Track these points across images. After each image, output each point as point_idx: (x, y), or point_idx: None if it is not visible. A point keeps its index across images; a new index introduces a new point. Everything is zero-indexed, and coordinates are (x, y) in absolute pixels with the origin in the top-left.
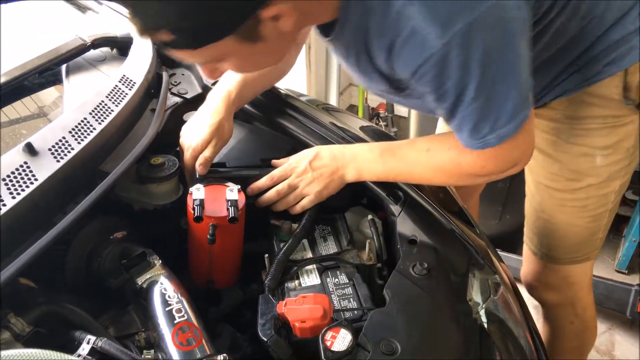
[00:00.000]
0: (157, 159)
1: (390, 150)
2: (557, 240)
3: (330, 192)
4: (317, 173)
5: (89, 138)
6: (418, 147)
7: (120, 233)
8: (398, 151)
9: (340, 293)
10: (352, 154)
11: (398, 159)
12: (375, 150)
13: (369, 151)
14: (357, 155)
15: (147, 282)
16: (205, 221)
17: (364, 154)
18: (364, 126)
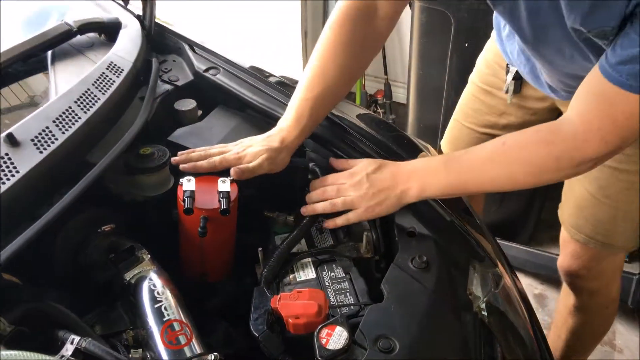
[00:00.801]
0: (147, 149)
1: (453, 157)
2: (618, 226)
3: (383, 211)
4: (375, 188)
5: (74, 128)
6: (490, 144)
7: (109, 226)
8: (464, 155)
9: (336, 287)
10: (411, 169)
11: (464, 163)
12: (437, 161)
13: (429, 162)
14: (417, 169)
15: (135, 278)
16: (196, 213)
17: (424, 166)
18: (362, 114)
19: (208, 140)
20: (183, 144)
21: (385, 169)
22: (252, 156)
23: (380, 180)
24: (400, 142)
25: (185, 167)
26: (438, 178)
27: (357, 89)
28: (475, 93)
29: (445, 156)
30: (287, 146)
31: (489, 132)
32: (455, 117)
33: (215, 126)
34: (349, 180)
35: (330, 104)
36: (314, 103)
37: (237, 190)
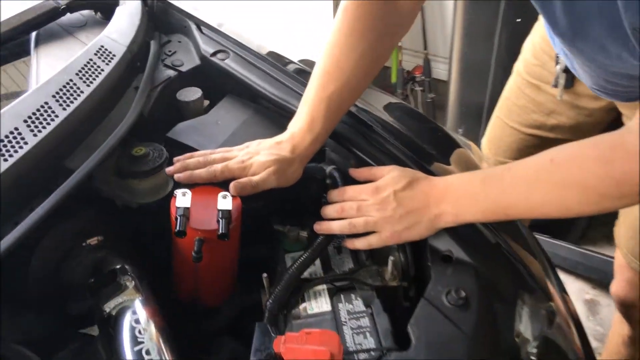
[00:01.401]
0: (140, 149)
1: (494, 175)
2: None
3: (411, 237)
4: (403, 209)
5: (49, 128)
6: (535, 160)
7: (95, 239)
8: (506, 173)
9: (354, 325)
10: (445, 187)
11: (507, 183)
12: (475, 179)
13: (467, 181)
14: (452, 188)
15: (116, 309)
16: (190, 234)
17: (460, 185)
18: (390, 104)
19: (213, 137)
20: (184, 141)
21: (416, 186)
22: (259, 167)
23: (410, 199)
24: (435, 139)
25: (180, 178)
26: (475, 201)
27: (393, 65)
28: (521, 86)
29: (485, 173)
30: (299, 156)
31: (535, 134)
32: (498, 113)
33: (222, 120)
34: (373, 196)
35: (348, 102)
36: (328, 103)
37: (241, 207)
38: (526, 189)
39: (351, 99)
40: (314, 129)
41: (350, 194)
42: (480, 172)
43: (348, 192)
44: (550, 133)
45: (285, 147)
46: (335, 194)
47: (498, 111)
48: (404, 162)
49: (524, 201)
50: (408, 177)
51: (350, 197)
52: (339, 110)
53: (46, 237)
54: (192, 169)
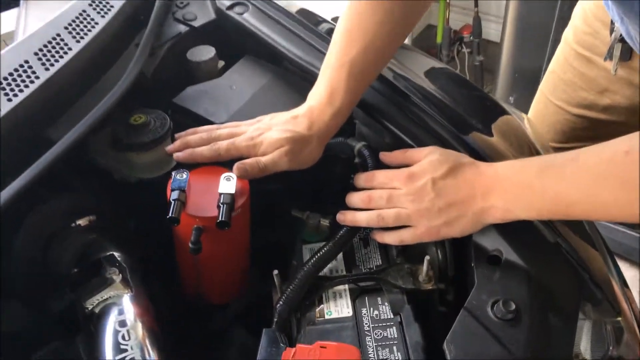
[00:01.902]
0: (139, 117)
1: (554, 163)
2: None
3: (452, 234)
4: (442, 200)
5: (27, 92)
6: (607, 151)
7: (87, 219)
8: (569, 163)
9: (379, 335)
10: (494, 176)
11: (569, 175)
12: (530, 167)
13: (520, 170)
14: (502, 177)
15: (100, 307)
16: (186, 222)
17: (512, 173)
18: (434, 69)
19: (226, 105)
20: (191, 108)
21: (459, 174)
22: (269, 145)
23: (451, 189)
24: (484, 110)
25: (179, 157)
26: (530, 195)
27: (439, 23)
28: (569, 58)
29: (542, 161)
30: (318, 134)
31: (584, 114)
32: (542, 87)
33: (238, 85)
34: (407, 184)
35: (373, 68)
36: (350, 69)
37: (248, 191)
38: (593, 184)
39: (377, 65)
40: (334, 101)
41: (381, 179)
42: (536, 159)
43: (378, 177)
44: (602, 114)
45: (301, 123)
46: (362, 178)
47: (542, 85)
48: (447, 141)
49: (588, 199)
50: (450, 162)
51: (381, 184)
52: (364, 77)
53: (31, 214)
54: (194, 147)
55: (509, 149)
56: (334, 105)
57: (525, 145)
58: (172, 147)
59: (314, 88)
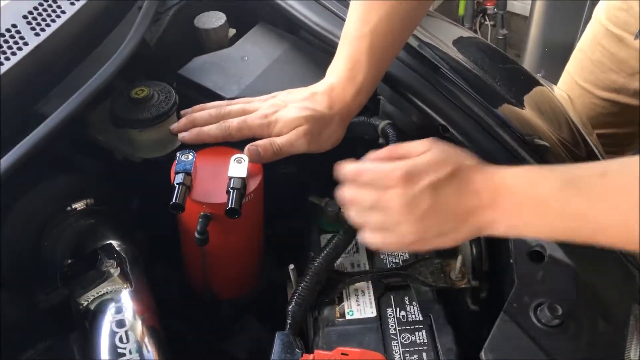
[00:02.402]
0: (141, 90)
1: (580, 177)
2: None
3: (445, 244)
4: (438, 210)
5: (15, 59)
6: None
7: (84, 202)
8: (596, 181)
9: (406, 340)
10: (501, 181)
11: (597, 195)
12: (547, 180)
13: (535, 182)
14: (511, 187)
15: (95, 303)
16: (192, 209)
17: (525, 186)
18: (462, 38)
19: (237, 78)
20: (199, 81)
21: (462, 178)
22: (285, 124)
23: (452, 197)
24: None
25: (185, 137)
26: (545, 214)
27: None
28: (598, 36)
29: (566, 172)
30: (340, 113)
31: (613, 99)
32: (569, 67)
33: (250, 55)
34: (401, 185)
35: (399, 38)
36: (372, 41)
37: (262, 174)
38: (630, 207)
39: (402, 34)
40: (356, 77)
41: (370, 176)
42: (555, 170)
43: (367, 173)
44: (633, 99)
45: (321, 101)
46: (351, 172)
47: (569, 65)
48: (480, 118)
49: (622, 225)
50: (452, 164)
51: (370, 180)
52: (387, 49)
53: (22, 197)
54: (202, 125)
55: (544, 124)
56: (356, 81)
57: (562, 119)
58: (177, 125)
59: (333, 62)
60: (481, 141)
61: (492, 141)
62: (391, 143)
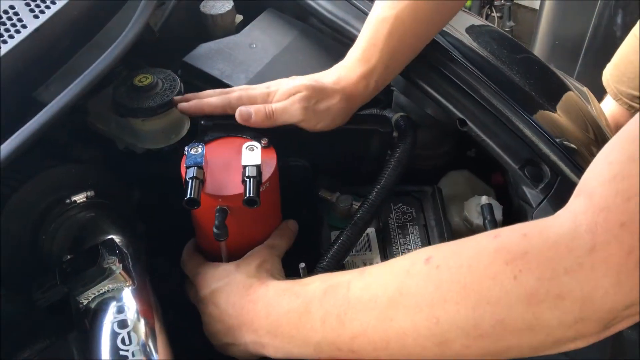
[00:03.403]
0: (145, 77)
1: (337, 284)
2: None
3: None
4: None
5: (12, 43)
6: (401, 264)
7: (84, 194)
8: (355, 281)
9: None
10: (257, 297)
11: (354, 295)
12: (310, 292)
13: (297, 293)
14: (266, 300)
15: (96, 301)
16: (207, 204)
17: (285, 300)
18: (474, 26)
19: (244, 66)
20: (204, 68)
21: (223, 297)
22: (283, 93)
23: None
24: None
25: (184, 107)
26: (303, 330)
27: None
28: (630, 52)
29: (326, 279)
30: (345, 90)
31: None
32: (607, 75)
33: (258, 43)
34: None
35: (424, 30)
36: (394, 25)
37: (276, 161)
38: (385, 306)
39: (428, 28)
40: (368, 59)
41: None
42: (323, 275)
43: None
44: None
45: (327, 76)
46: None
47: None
48: (502, 113)
49: (377, 327)
50: (215, 283)
51: None
52: (408, 39)
53: (18, 188)
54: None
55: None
56: (368, 63)
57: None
58: (179, 97)
59: (352, 47)
60: (500, 136)
61: (512, 136)
62: (405, 138)
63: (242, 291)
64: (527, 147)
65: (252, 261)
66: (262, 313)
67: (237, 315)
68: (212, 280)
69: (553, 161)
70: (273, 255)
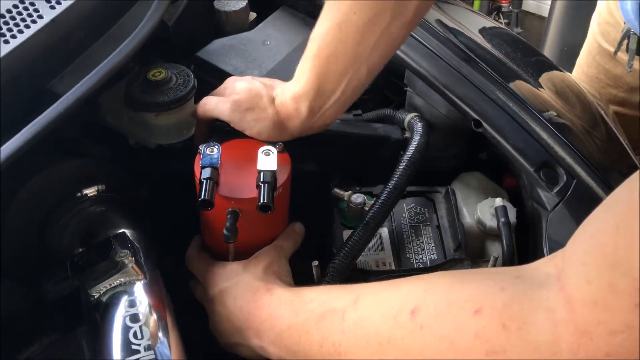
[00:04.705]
0: (159, 72)
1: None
2: None
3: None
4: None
5: (28, 33)
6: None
7: (95, 188)
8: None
9: None
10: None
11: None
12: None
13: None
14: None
15: (107, 295)
16: (220, 205)
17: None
18: (487, 28)
19: (258, 62)
20: (218, 64)
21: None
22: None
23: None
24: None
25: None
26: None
27: None
28: (593, 52)
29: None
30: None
31: (618, 111)
32: (577, 74)
33: (272, 40)
34: None
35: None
36: (321, 45)
37: (290, 166)
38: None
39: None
40: (299, 80)
41: None
42: (319, 294)
43: None
44: (635, 111)
45: (283, 87)
46: None
47: (576, 71)
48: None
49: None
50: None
51: None
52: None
53: (30, 181)
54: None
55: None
56: (298, 84)
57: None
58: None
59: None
60: (516, 137)
61: (527, 138)
62: (418, 137)
63: (248, 294)
64: (542, 150)
65: (259, 262)
66: (266, 323)
67: (244, 319)
68: (220, 280)
69: (569, 164)
70: (280, 257)
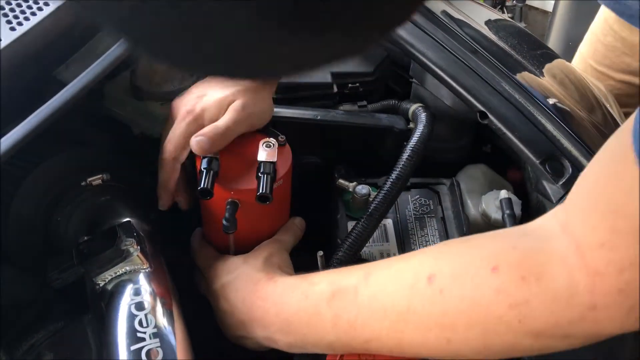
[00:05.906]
0: None
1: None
2: None
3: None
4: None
5: (35, 20)
6: (406, 275)
7: (99, 177)
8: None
9: None
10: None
11: (362, 302)
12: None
13: (305, 293)
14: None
15: (113, 283)
16: (219, 195)
17: (296, 298)
18: (492, 20)
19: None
20: None
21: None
22: (216, 106)
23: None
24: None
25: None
26: (317, 328)
27: None
28: (609, 20)
29: (334, 281)
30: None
31: (630, 81)
32: (582, 49)
33: None
34: None
35: None
36: None
37: (291, 159)
38: (394, 318)
39: None
40: None
41: None
42: (326, 275)
43: None
44: None
45: None
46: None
47: (582, 47)
48: (523, 107)
49: (390, 336)
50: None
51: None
52: None
53: (35, 169)
54: None
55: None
56: None
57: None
58: None
59: None
60: (521, 129)
61: (533, 130)
62: (422, 127)
63: (250, 286)
64: (548, 142)
65: (259, 255)
66: (271, 311)
67: (247, 311)
68: (222, 273)
69: (575, 156)
70: (281, 249)
